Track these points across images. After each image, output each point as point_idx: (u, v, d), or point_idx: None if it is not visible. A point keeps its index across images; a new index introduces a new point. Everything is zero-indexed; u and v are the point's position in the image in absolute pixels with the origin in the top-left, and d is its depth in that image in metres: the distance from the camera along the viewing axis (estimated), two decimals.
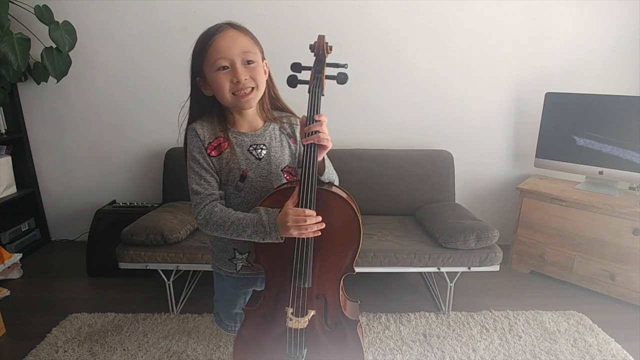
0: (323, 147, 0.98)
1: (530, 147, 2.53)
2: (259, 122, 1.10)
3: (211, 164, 1.04)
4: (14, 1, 2.22)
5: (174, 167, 2.45)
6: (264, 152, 1.07)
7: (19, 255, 2.36)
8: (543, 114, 2.41)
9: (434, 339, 1.84)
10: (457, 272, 1.98)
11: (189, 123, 1.09)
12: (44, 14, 2.21)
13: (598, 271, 2.20)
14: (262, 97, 1.07)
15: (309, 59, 1.04)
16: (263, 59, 1.05)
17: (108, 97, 2.58)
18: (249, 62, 0.99)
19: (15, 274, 2.33)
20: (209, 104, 1.06)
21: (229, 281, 1.19)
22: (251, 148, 1.06)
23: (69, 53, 2.33)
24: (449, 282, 1.99)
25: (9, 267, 2.29)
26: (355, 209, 1.00)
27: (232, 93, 1.00)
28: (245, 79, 0.98)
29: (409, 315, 2.00)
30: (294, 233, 0.94)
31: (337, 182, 1.12)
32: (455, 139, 2.65)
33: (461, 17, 2.45)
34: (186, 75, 1.07)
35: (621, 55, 2.50)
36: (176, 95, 1.13)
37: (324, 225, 0.95)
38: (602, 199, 2.18)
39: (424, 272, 2.39)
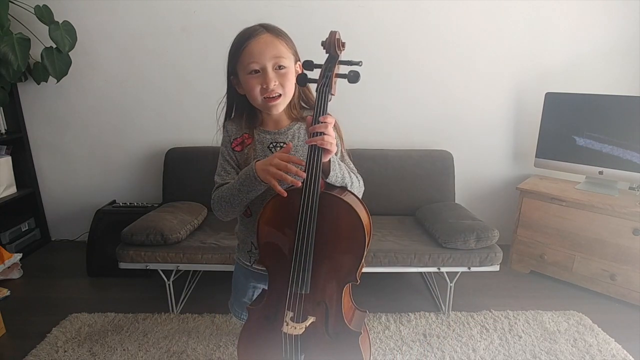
0: (327, 150, 0.94)
1: (530, 147, 2.53)
2: (286, 121, 1.12)
3: (233, 157, 1.11)
4: (14, 1, 2.22)
5: (174, 167, 2.45)
6: None
7: (19, 255, 2.36)
8: (543, 114, 2.41)
9: (434, 339, 1.84)
10: (457, 272, 1.98)
11: (225, 118, 1.16)
12: (44, 14, 2.21)
13: (598, 271, 2.20)
14: (292, 97, 1.09)
15: (311, 57, 1.03)
16: (297, 61, 1.07)
17: (108, 97, 2.58)
18: (280, 68, 1.01)
19: (15, 274, 2.33)
20: (241, 102, 1.10)
21: (243, 271, 1.24)
22: (271, 145, 1.09)
23: (69, 53, 2.33)
24: (449, 282, 1.99)
25: (9, 267, 2.29)
26: (361, 216, 0.94)
27: (263, 96, 1.03)
28: (275, 85, 1.01)
29: (409, 315, 2.00)
30: (271, 170, 0.92)
31: (353, 184, 1.07)
32: (455, 139, 2.65)
33: (461, 17, 2.45)
34: (186, 75, 1.08)
35: (621, 55, 2.50)
36: (176, 95, 1.13)
37: (298, 181, 0.92)
38: (602, 199, 2.18)
39: (424, 272, 2.39)
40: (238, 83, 1.07)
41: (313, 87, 1.02)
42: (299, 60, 1.07)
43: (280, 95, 1.03)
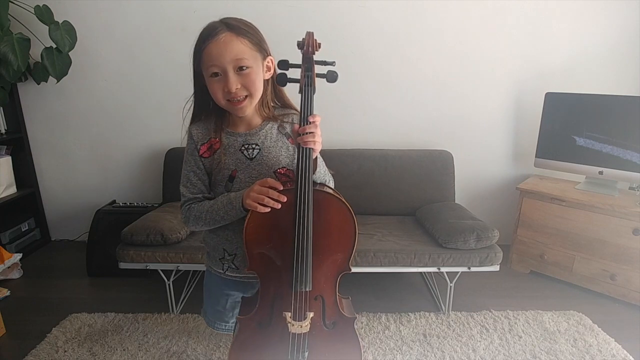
0: (314, 149, 0.96)
1: (530, 147, 2.53)
2: (257, 121, 1.08)
3: (201, 166, 1.06)
4: (14, 1, 2.22)
5: (174, 167, 2.45)
6: (255, 151, 1.05)
7: (19, 255, 2.36)
8: (543, 114, 2.41)
9: (434, 339, 1.84)
10: (457, 272, 1.98)
11: (191, 121, 1.09)
12: (44, 14, 2.21)
13: (598, 271, 2.20)
14: (262, 95, 1.05)
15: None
16: (267, 55, 1.02)
17: (108, 97, 2.58)
18: (241, 69, 0.96)
19: (15, 274, 2.33)
20: (209, 103, 1.05)
21: (215, 279, 1.19)
22: (243, 148, 1.05)
23: (69, 53, 2.33)
24: (449, 282, 1.99)
25: (9, 267, 2.29)
26: (349, 207, 0.99)
27: (226, 100, 0.99)
28: (237, 88, 0.96)
29: (409, 315, 2.00)
30: (250, 203, 0.94)
31: (331, 182, 1.11)
32: (455, 139, 2.65)
33: (461, 18, 2.45)
34: (186, 75, 1.07)
35: (621, 55, 2.50)
36: (176, 95, 1.12)
37: (279, 204, 0.94)
38: (602, 199, 2.18)
39: (424, 272, 2.39)
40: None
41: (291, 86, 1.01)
42: (269, 55, 1.02)
43: (246, 96, 0.99)
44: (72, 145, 2.67)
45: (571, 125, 2.33)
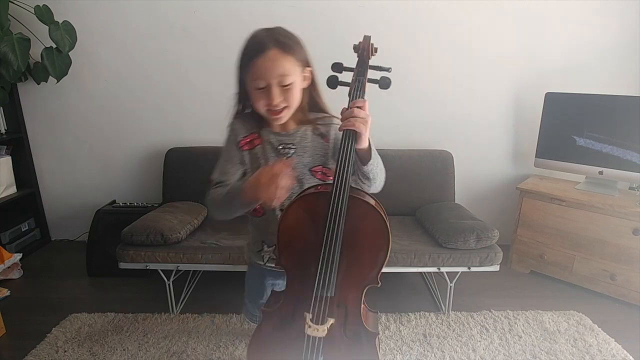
0: (359, 135, 0.93)
1: (530, 147, 2.53)
2: (291, 125, 1.11)
3: (238, 156, 1.11)
4: (14, 1, 2.22)
5: (174, 167, 2.45)
6: (291, 151, 1.10)
7: (19, 255, 2.36)
8: (543, 114, 2.41)
9: (434, 339, 1.84)
10: (457, 272, 1.98)
11: (233, 117, 1.14)
12: (44, 14, 2.21)
13: (598, 271, 2.20)
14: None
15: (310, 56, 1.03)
16: (307, 65, 1.05)
17: (108, 97, 2.58)
18: (285, 84, 1.00)
19: (15, 274, 2.33)
20: (249, 104, 1.10)
21: (257, 271, 1.24)
22: (280, 147, 1.10)
23: (69, 53, 2.33)
24: (449, 282, 1.99)
25: (9, 267, 2.29)
26: (387, 221, 0.96)
27: (266, 109, 1.03)
28: (279, 101, 1.01)
29: (409, 315, 2.00)
30: (262, 195, 0.93)
31: (382, 180, 1.10)
32: (455, 138, 2.65)
33: (461, 17, 2.45)
34: (186, 75, 1.07)
35: (621, 55, 2.50)
36: (176, 95, 1.13)
37: (283, 192, 0.91)
38: (602, 199, 2.18)
39: (424, 272, 2.39)
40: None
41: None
42: (309, 66, 1.06)
43: (285, 107, 1.03)
44: (72, 145, 2.67)
45: (571, 125, 2.33)
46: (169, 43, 2.46)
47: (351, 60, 1.00)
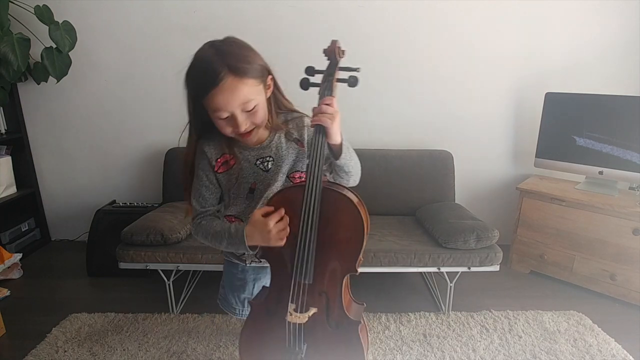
0: (327, 128, 0.93)
1: (530, 147, 2.53)
2: (265, 134, 1.09)
3: (214, 180, 1.09)
4: (14, 1, 2.22)
5: (174, 167, 2.45)
6: (270, 163, 1.08)
7: (19, 255, 2.36)
8: (543, 114, 2.41)
9: (434, 339, 1.84)
10: (457, 272, 1.98)
11: (191, 135, 1.07)
12: (44, 14, 2.21)
13: (598, 271, 2.20)
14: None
15: (309, 59, 1.03)
16: (267, 74, 1.00)
17: (108, 97, 2.58)
18: (249, 110, 0.96)
19: (15, 274, 2.33)
20: (212, 123, 1.01)
21: (239, 268, 1.25)
22: (258, 162, 1.08)
23: (69, 53, 2.33)
24: (449, 282, 1.99)
25: (9, 267, 2.29)
26: (362, 212, 0.99)
27: (235, 134, 1.00)
28: (247, 125, 0.98)
29: (409, 315, 2.00)
30: (259, 241, 0.98)
31: (358, 172, 1.11)
32: (455, 138, 2.64)
33: (461, 17, 2.45)
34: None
35: (621, 55, 2.50)
36: (176, 95, 1.12)
37: (286, 232, 0.97)
38: (602, 199, 2.18)
39: (424, 272, 2.39)
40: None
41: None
42: (270, 74, 1.01)
43: (254, 128, 1.00)
44: (72, 145, 2.67)
45: (571, 125, 2.33)
46: (169, 43, 2.46)
47: (351, 61, 1.00)
